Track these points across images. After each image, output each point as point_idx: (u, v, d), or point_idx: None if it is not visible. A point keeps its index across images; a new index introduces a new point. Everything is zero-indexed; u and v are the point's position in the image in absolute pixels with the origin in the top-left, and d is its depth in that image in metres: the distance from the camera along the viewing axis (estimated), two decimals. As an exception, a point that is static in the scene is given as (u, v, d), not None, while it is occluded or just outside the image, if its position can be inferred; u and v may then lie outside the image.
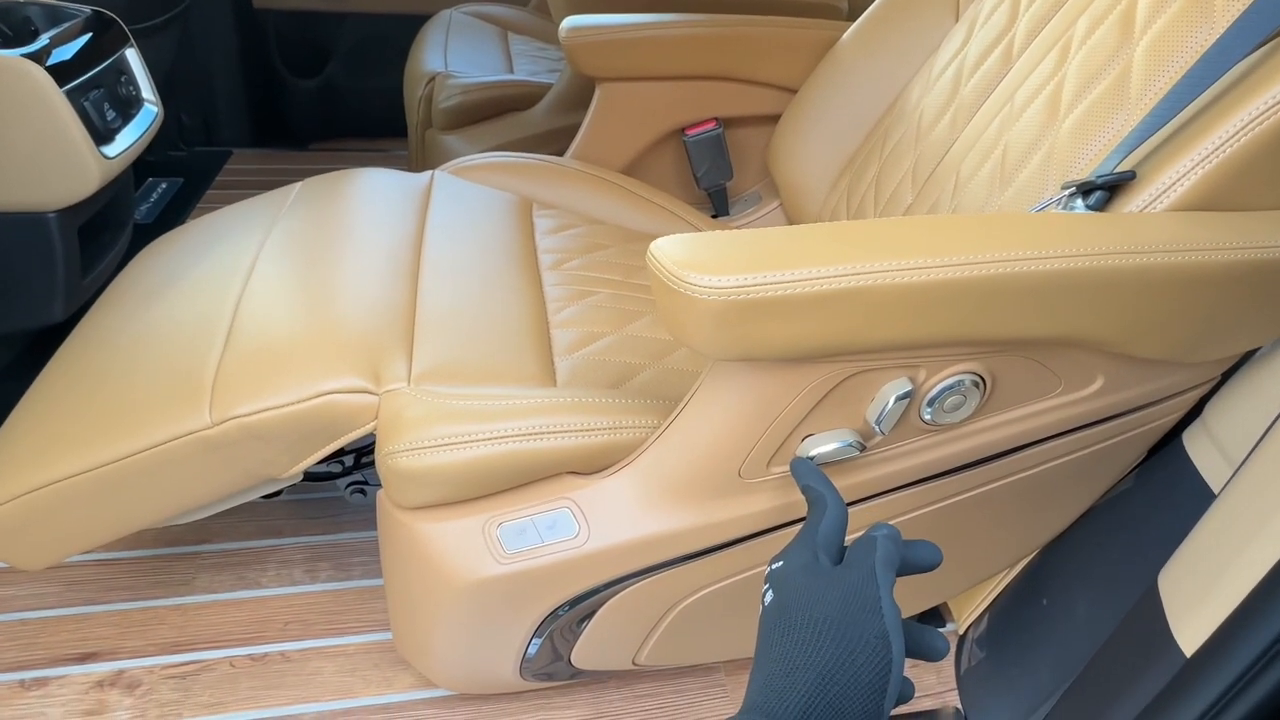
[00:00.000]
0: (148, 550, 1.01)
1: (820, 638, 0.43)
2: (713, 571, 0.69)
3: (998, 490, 0.73)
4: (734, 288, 0.48)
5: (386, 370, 0.71)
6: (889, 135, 1.00)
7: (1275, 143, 0.59)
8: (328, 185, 0.99)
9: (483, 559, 0.65)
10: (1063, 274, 0.52)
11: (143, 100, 1.17)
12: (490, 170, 1.07)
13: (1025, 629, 0.85)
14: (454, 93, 1.42)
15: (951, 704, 0.90)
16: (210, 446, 0.70)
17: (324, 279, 0.80)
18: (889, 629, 0.44)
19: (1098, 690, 0.65)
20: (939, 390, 0.59)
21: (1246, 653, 0.50)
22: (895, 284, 0.49)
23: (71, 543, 0.77)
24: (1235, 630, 0.51)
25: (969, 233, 0.53)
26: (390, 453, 0.64)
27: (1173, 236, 0.56)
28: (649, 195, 1.11)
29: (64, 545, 0.77)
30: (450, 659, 0.75)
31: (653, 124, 1.16)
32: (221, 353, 0.73)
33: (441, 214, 0.95)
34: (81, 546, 0.78)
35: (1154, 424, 0.74)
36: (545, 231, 0.99)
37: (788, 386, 0.56)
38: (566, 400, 0.67)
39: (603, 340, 0.81)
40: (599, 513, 0.65)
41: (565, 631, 0.72)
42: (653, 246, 0.52)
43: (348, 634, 0.93)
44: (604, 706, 0.87)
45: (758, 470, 0.62)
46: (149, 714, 0.83)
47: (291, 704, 0.86)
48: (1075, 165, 0.73)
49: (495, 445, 0.63)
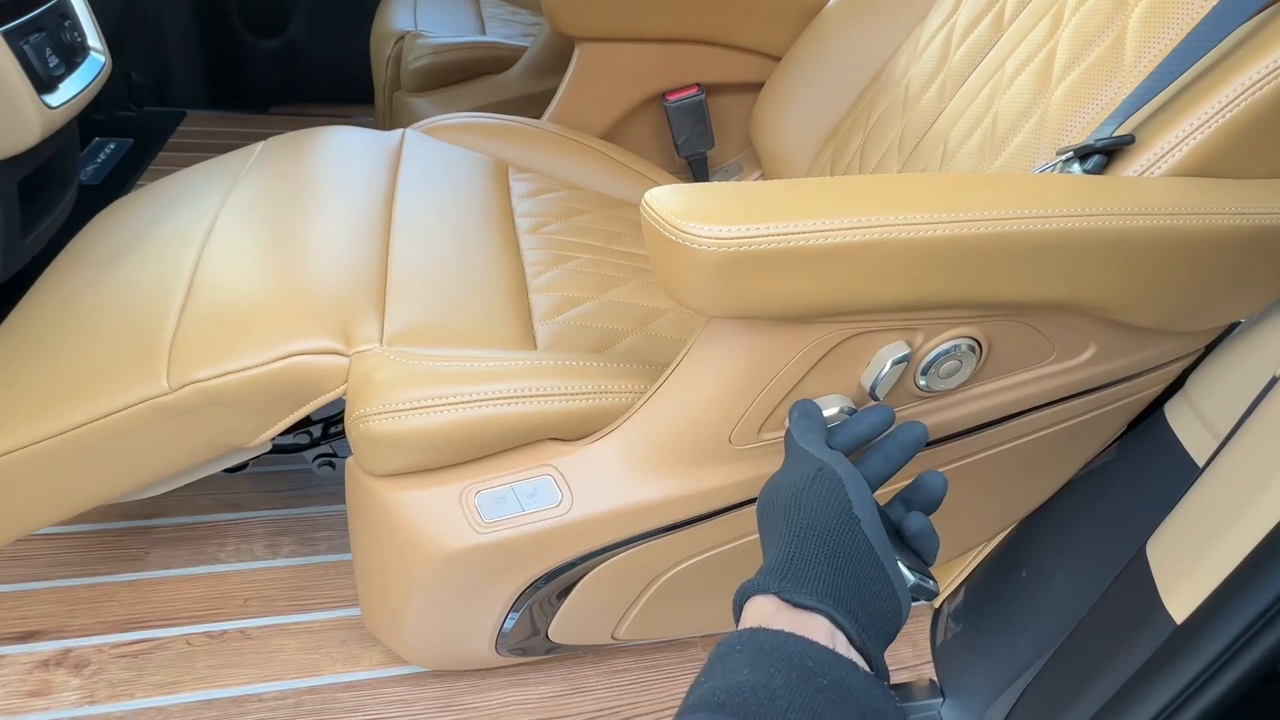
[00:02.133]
0: (96, 524, 0.96)
1: (774, 509, 0.47)
2: (699, 542, 0.67)
3: (982, 462, 0.73)
4: (737, 238, 0.45)
5: (357, 331, 0.67)
6: (875, 104, 0.98)
7: (1272, 109, 0.58)
8: (293, 143, 0.94)
9: (459, 529, 0.62)
10: (1068, 233, 0.51)
11: (88, 48, 1.10)
12: (465, 131, 1.03)
13: (1003, 601, 0.85)
14: (424, 53, 1.37)
15: (927, 676, 0.91)
16: (168, 414, 0.65)
17: (288, 238, 0.76)
18: (824, 460, 0.47)
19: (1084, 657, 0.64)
20: (935, 355, 0.58)
21: (1238, 621, 0.50)
22: (902, 239, 0.47)
23: (18, 522, 0.72)
24: (1226, 598, 0.51)
25: (975, 190, 0.51)
26: (361, 416, 0.60)
27: (1175, 200, 0.55)
28: (629, 162, 1.08)
29: (10, 525, 0.72)
30: (423, 634, 0.72)
31: (633, 88, 1.13)
32: (179, 315, 0.69)
33: (414, 172, 0.91)
34: (29, 527, 0.73)
35: (1138, 395, 0.74)
36: (522, 195, 0.95)
37: (784, 348, 0.54)
38: (549, 363, 0.65)
39: (584, 305, 0.78)
40: (582, 480, 0.63)
41: (544, 605, 0.70)
42: (648, 196, 0.49)
43: (312, 610, 0.89)
44: (579, 681, 0.85)
45: (749, 436, 0.60)
46: (98, 695, 0.79)
47: (252, 683, 0.82)
48: (1067, 133, 0.72)
49: (474, 409, 0.60)
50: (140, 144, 1.76)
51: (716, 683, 0.36)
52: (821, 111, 1.04)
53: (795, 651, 0.37)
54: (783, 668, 0.36)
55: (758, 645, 0.38)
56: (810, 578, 0.42)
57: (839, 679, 0.36)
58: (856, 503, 0.45)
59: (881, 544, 0.45)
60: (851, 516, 0.44)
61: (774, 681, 0.35)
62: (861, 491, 0.46)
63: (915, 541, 0.50)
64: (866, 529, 0.44)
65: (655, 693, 0.86)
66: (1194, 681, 0.51)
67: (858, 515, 0.44)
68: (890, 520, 0.52)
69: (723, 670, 0.37)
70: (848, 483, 0.46)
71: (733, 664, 0.37)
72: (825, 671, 0.36)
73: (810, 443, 0.50)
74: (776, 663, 0.36)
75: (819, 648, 0.38)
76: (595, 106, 1.13)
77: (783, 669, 0.36)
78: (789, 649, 0.37)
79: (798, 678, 0.35)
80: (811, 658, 0.37)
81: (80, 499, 0.72)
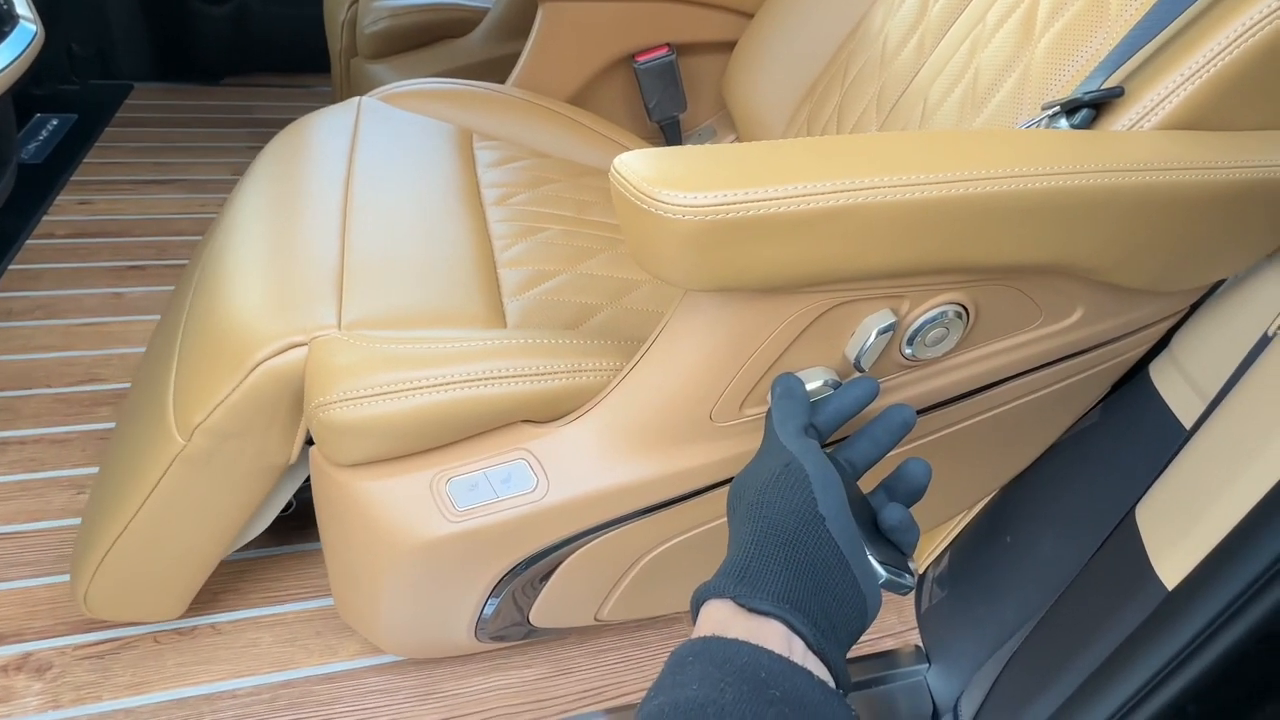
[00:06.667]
0: (52, 522, 0.92)
1: (740, 504, 0.46)
2: (681, 521, 0.65)
3: (967, 429, 0.71)
4: (712, 206, 0.42)
5: (313, 320, 0.63)
6: (851, 61, 0.95)
7: (1264, 58, 0.56)
8: (279, 144, 0.89)
9: (431, 518, 0.60)
10: (1059, 191, 0.49)
11: (16, 16, 1.03)
12: (425, 98, 0.98)
13: (988, 567, 0.85)
14: (380, 16, 1.31)
15: (913, 642, 0.90)
16: (195, 464, 0.65)
17: (254, 249, 0.73)
18: (794, 454, 0.45)
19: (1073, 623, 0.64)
20: (922, 323, 0.56)
21: (1231, 586, 0.49)
22: (887, 202, 0.45)
23: (174, 588, 0.76)
24: (1219, 564, 0.50)
25: (962, 149, 0.49)
26: (321, 404, 0.57)
27: (1167, 154, 0.53)
28: (599, 127, 1.03)
29: (171, 592, 0.76)
30: (398, 624, 0.69)
31: (600, 49, 1.08)
32: (176, 365, 0.70)
33: (371, 145, 0.86)
34: (187, 589, 0.77)
35: (1123, 357, 0.73)
36: (488, 164, 0.91)
37: (765, 320, 0.52)
38: (519, 342, 0.61)
39: (556, 279, 0.75)
40: (558, 463, 0.60)
41: (524, 590, 0.68)
42: (616, 162, 0.45)
43: (286, 602, 0.87)
44: (564, 663, 0.84)
45: (731, 413, 0.58)
46: (63, 699, 0.76)
47: (226, 679, 0.79)
48: (1051, 88, 0.70)
49: (441, 392, 0.57)
50: (85, 120, 1.68)
51: (665, 699, 0.35)
52: (797, 70, 1.00)
53: (748, 662, 0.36)
54: (734, 681, 0.35)
55: (710, 656, 0.36)
56: (767, 581, 0.40)
57: (793, 690, 0.35)
58: (822, 500, 0.43)
59: (849, 541, 0.43)
60: (815, 515, 0.43)
61: (724, 697, 0.34)
62: (830, 487, 0.44)
63: (893, 535, 0.48)
64: (832, 527, 0.43)
65: (641, 671, 0.84)
66: (1186, 648, 0.51)
67: (822, 514, 0.43)
68: (871, 509, 0.50)
69: (673, 684, 0.36)
70: (814, 479, 0.44)
71: (684, 677, 0.36)
72: (779, 683, 0.35)
73: (787, 431, 0.48)
74: (728, 676, 0.35)
75: (774, 657, 0.36)
76: (562, 69, 1.08)
77: (734, 682, 0.35)
78: (742, 659, 0.36)
79: (749, 691, 0.34)
80: (765, 668, 0.36)
81: (196, 559, 0.74)
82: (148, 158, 1.63)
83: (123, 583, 0.73)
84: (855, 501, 0.47)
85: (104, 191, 1.52)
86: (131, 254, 1.37)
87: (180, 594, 0.76)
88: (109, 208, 1.48)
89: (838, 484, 0.45)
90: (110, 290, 1.29)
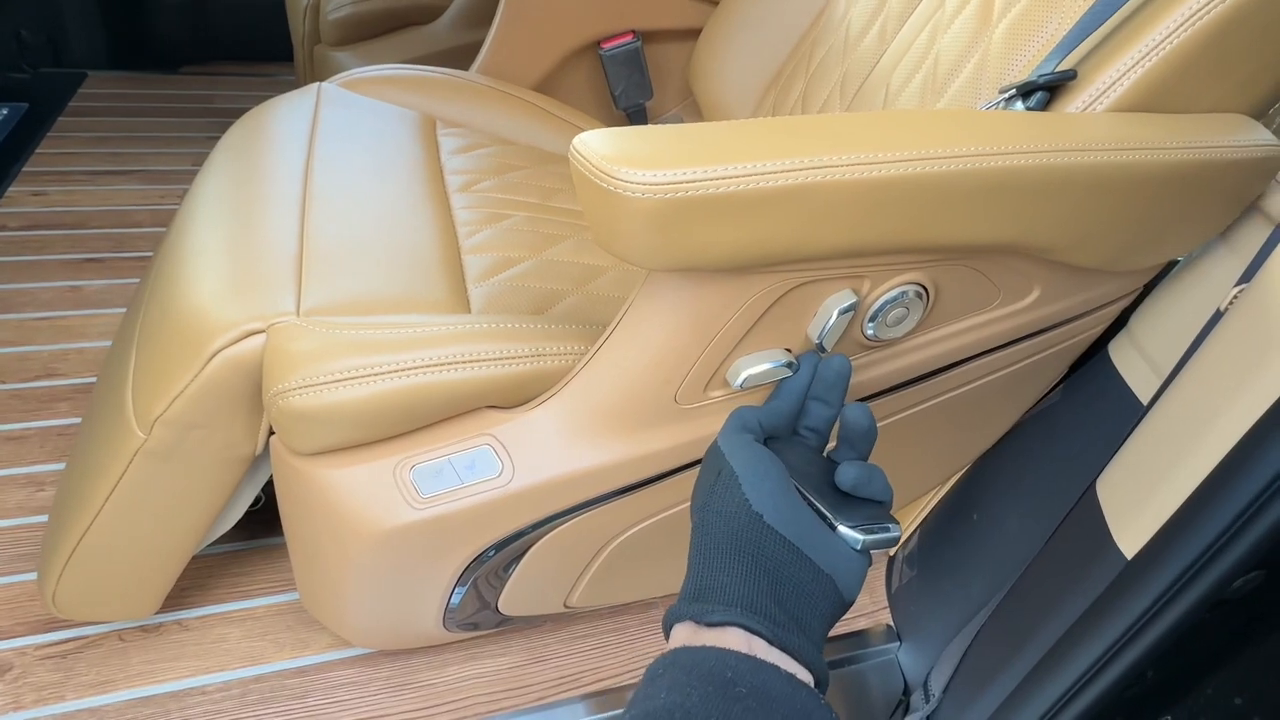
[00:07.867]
0: (9, 521, 0.89)
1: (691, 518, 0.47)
2: (648, 505, 0.65)
3: (931, 409, 0.72)
4: (671, 184, 0.42)
5: (271, 306, 0.62)
6: (816, 48, 0.95)
7: (1213, 40, 0.57)
8: (238, 131, 0.87)
9: (395, 505, 0.59)
10: (1016, 170, 0.49)
11: (-39, 1, 0.99)
12: (386, 84, 0.96)
13: (956, 545, 0.86)
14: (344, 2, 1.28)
15: (884, 622, 0.92)
16: (158, 457, 0.64)
17: (207, 239, 0.71)
18: (725, 455, 0.46)
19: (1038, 594, 0.65)
20: (883, 303, 0.56)
21: (1186, 554, 0.50)
22: (847, 180, 0.45)
23: (146, 585, 0.74)
24: (1175, 533, 0.51)
25: (921, 128, 0.49)
26: (280, 392, 0.56)
27: (1119, 135, 0.54)
28: (564, 114, 1.03)
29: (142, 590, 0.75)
30: (365, 616, 0.69)
31: (565, 35, 1.07)
32: (134, 357, 0.68)
33: (331, 131, 0.85)
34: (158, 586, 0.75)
35: (1081, 336, 0.74)
36: (452, 151, 0.90)
37: (728, 301, 0.52)
38: (483, 327, 0.61)
39: (520, 265, 0.74)
40: (523, 448, 0.60)
41: (491, 578, 0.67)
42: (576, 141, 0.45)
43: (254, 596, 0.85)
44: (539, 650, 0.84)
45: (695, 395, 0.58)
46: (24, 699, 0.74)
47: (194, 675, 0.78)
48: (1009, 72, 0.71)
49: (403, 378, 0.56)
50: (36, 109, 1.63)
51: (637, 711, 0.36)
52: (762, 57, 1.00)
53: (715, 665, 0.37)
54: (700, 684, 0.36)
55: (679, 665, 0.38)
56: (719, 593, 0.41)
57: (759, 685, 0.36)
58: (754, 498, 0.43)
59: (794, 528, 0.43)
60: (752, 514, 0.43)
61: (689, 700, 0.35)
62: (764, 479, 0.44)
63: (857, 492, 0.47)
64: (772, 520, 0.43)
65: (616, 656, 0.85)
66: (1144, 614, 0.52)
67: (758, 511, 0.43)
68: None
69: (645, 696, 0.37)
70: (743, 478, 0.44)
71: (654, 689, 0.37)
72: (744, 680, 0.36)
73: (724, 432, 0.49)
74: (695, 680, 0.36)
75: (738, 656, 0.37)
76: (526, 56, 1.07)
77: (700, 685, 0.35)
78: (709, 663, 0.37)
79: (714, 691, 0.35)
80: (731, 668, 0.37)
81: (167, 552, 0.72)
82: (103, 148, 1.59)
83: (91, 582, 0.72)
84: (817, 475, 0.48)
85: (58, 182, 1.48)
86: (89, 246, 1.34)
87: (153, 591, 0.75)
88: (64, 199, 1.44)
89: (773, 473, 0.45)
90: (67, 284, 1.26)
